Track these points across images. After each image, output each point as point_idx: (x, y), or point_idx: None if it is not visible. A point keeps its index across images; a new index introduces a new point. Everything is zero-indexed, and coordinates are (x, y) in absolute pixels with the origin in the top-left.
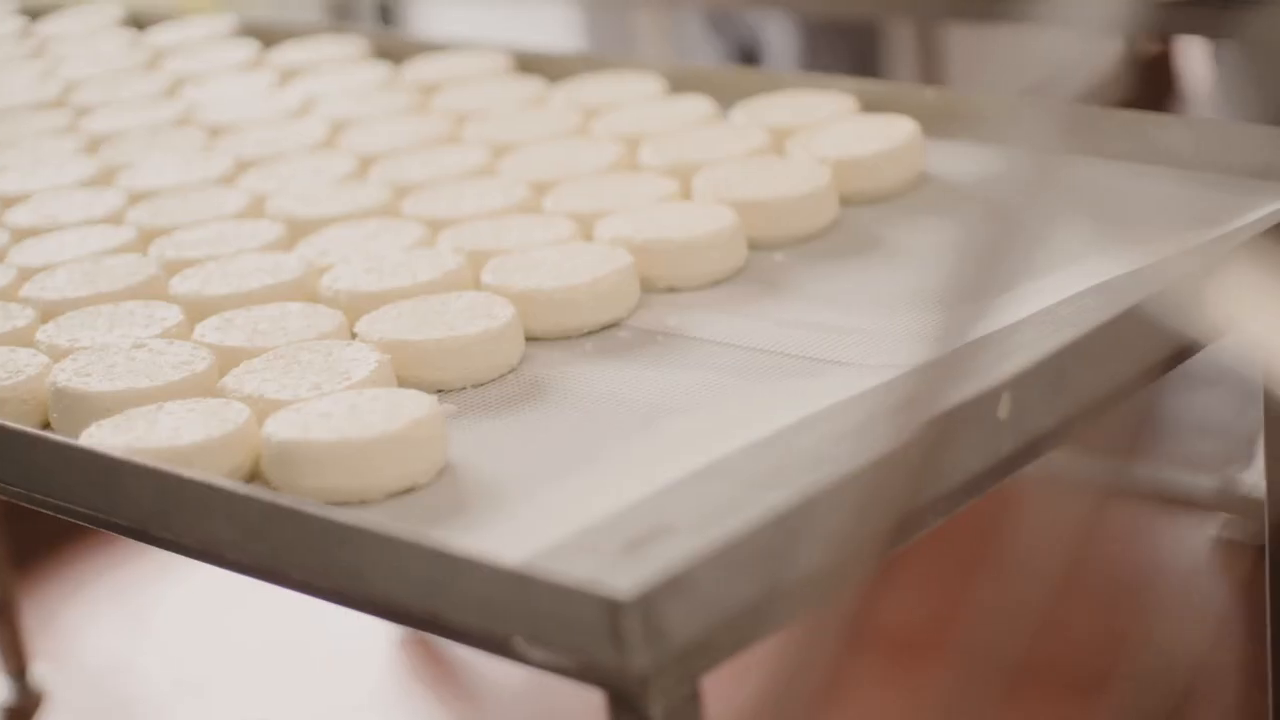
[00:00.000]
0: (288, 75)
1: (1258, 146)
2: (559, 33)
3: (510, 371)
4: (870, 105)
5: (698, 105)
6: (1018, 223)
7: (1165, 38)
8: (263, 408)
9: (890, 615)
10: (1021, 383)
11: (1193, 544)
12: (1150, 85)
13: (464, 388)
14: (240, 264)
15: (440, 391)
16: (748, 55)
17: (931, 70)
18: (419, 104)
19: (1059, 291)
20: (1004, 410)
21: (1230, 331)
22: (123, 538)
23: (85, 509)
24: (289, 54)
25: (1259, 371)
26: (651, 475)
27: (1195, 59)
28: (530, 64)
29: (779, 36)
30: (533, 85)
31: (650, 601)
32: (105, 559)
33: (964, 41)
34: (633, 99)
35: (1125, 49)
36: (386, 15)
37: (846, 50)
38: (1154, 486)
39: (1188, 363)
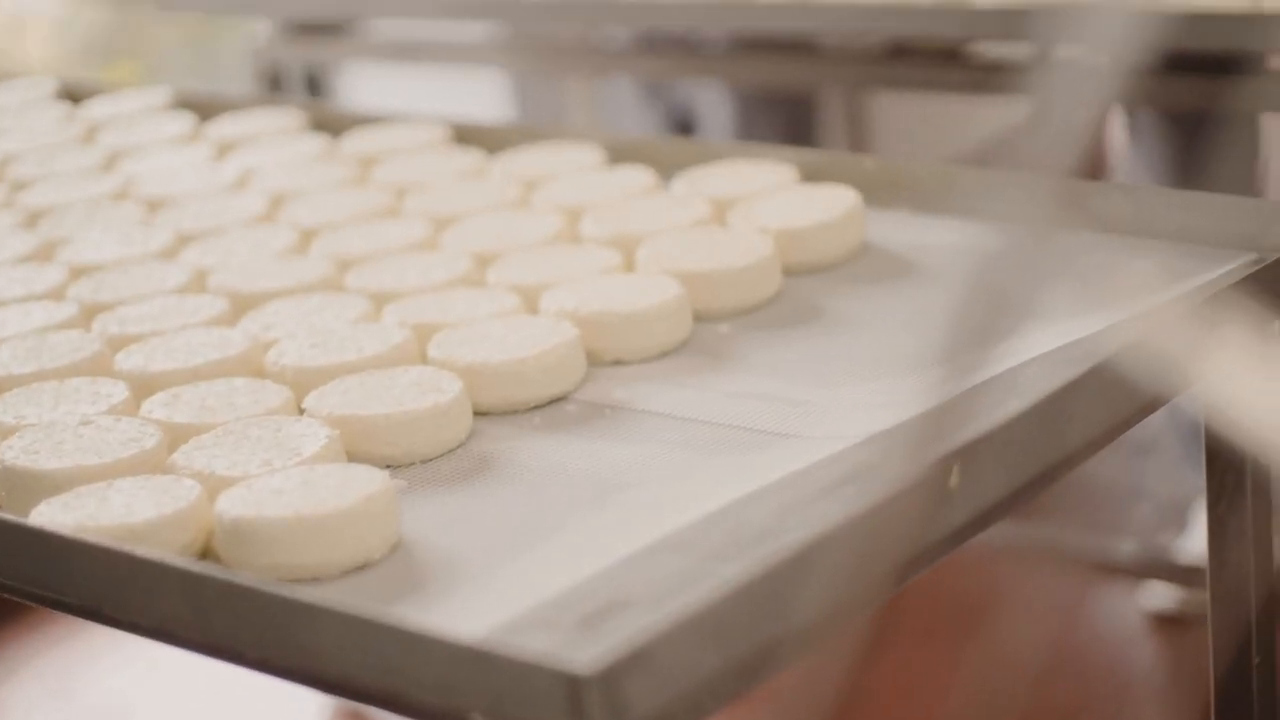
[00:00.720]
0: (225, 148)
1: (1193, 212)
2: (488, 100)
3: (459, 446)
4: (810, 175)
5: (638, 176)
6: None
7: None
8: (214, 484)
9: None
10: (972, 452)
11: (1123, 613)
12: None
13: (413, 463)
14: (185, 339)
15: (390, 467)
16: (681, 122)
17: (863, 138)
18: (358, 176)
19: (1011, 358)
20: (954, 480)
21: (1186, 392)
22: (55, 619)
23: (35, 589)
24: (225, 127)
25: (1213, 432)
26: (605, 549)
27: (1114, 125)
28: (467, 135)
29: (712, 104)
30: (471, 157)
31: (611, 676)
32: (37, 641)
33: (894, 109)
34: (572, 169)
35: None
36: (315, 86)
37: (780, 117)
38: (1083, 553)
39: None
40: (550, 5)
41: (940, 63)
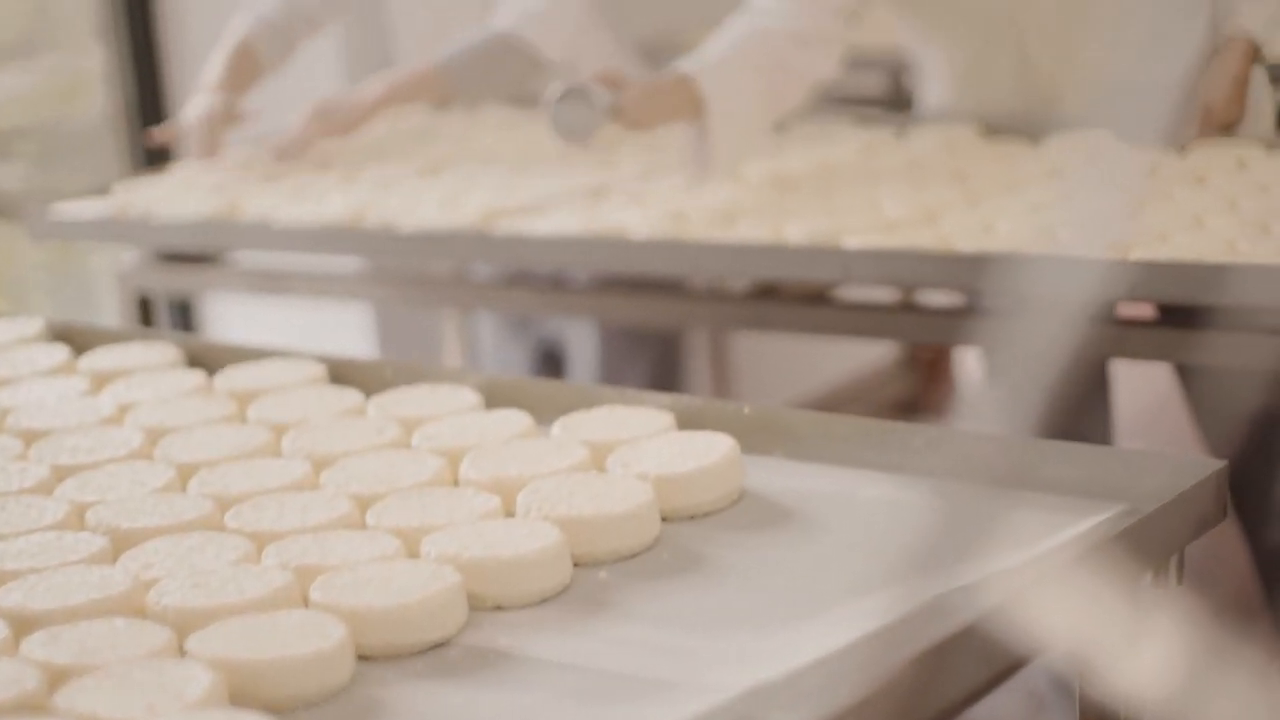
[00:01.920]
0: (100, 381)
1: (1064, 463)
2: (357, 329)
3: (342, 690)
4: (687, 421)
5: (515, 419)
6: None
7: (940, 345)
8: None
9: None
10: (850, 707)
11: None
12: (928, 388)
13: (296, 708)
14: (64, 577)
15: (273, 711)
16: (550, 356)
17: (727, 377)
18: (235, 413)
19: (884, 613)
20: None
21: (1056, 648)
22: None
23: None
24: (100, 359)
25: (1085, 689)
26: None
27: (969, 364)
28: (344, 372)
29: (581, 338)
30: (349, 396)
31: None
32: None
33: (757, 349)
34: (450, 411)
35: (903, 354)
36: (183, 311)
37: (647, 354)
38: None
39: None
40: (418, 240)
41: (808, 303)
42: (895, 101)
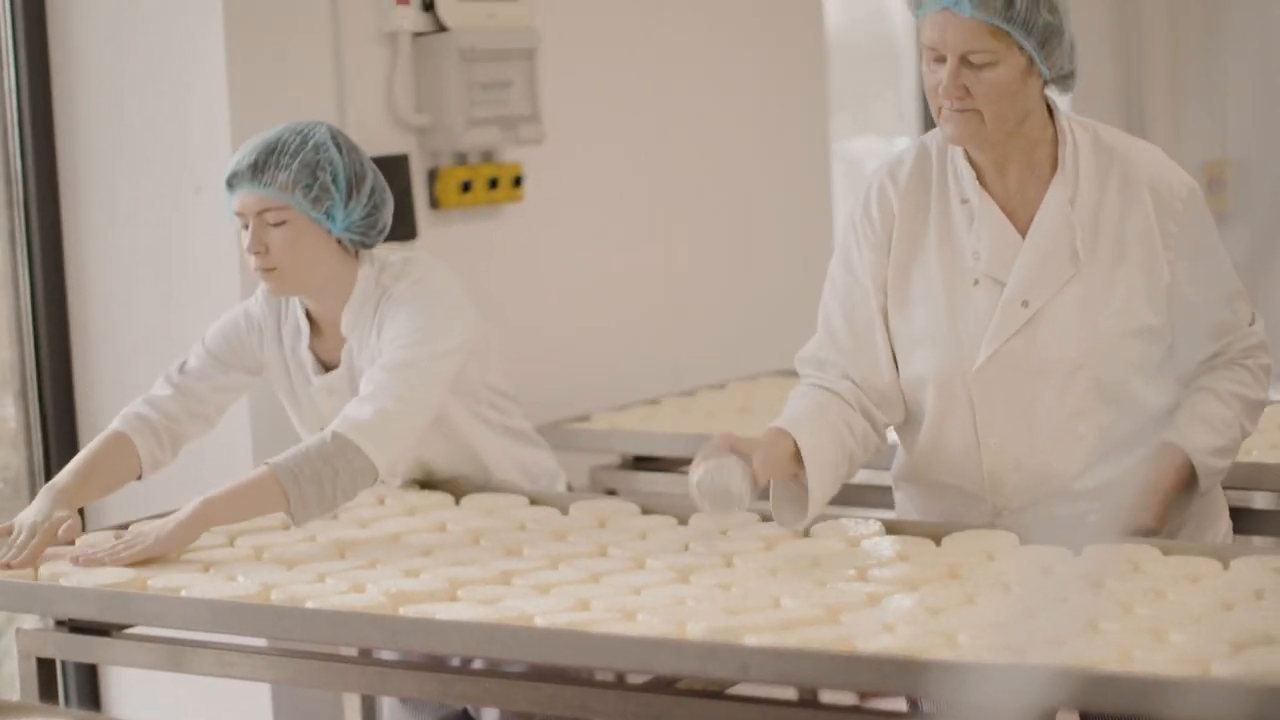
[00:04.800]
0: None
1: None
2: (255, 703)
3: None
4: None
5: None
6: None
7: None
8: None
9: None
10: None
11: None
12: None
13: None
14: None
15: None
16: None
17: None
18: None
19: None
20: None
21: None
22: None
23: None
24: None
25: None
26: None
27: None
28: None
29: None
30: None
31: None
32: None
33: None
34: None
35: None
36: (84, 675)
37: None
38: None
39: None
40: (318, 620)
41: (707, 698)
42: None
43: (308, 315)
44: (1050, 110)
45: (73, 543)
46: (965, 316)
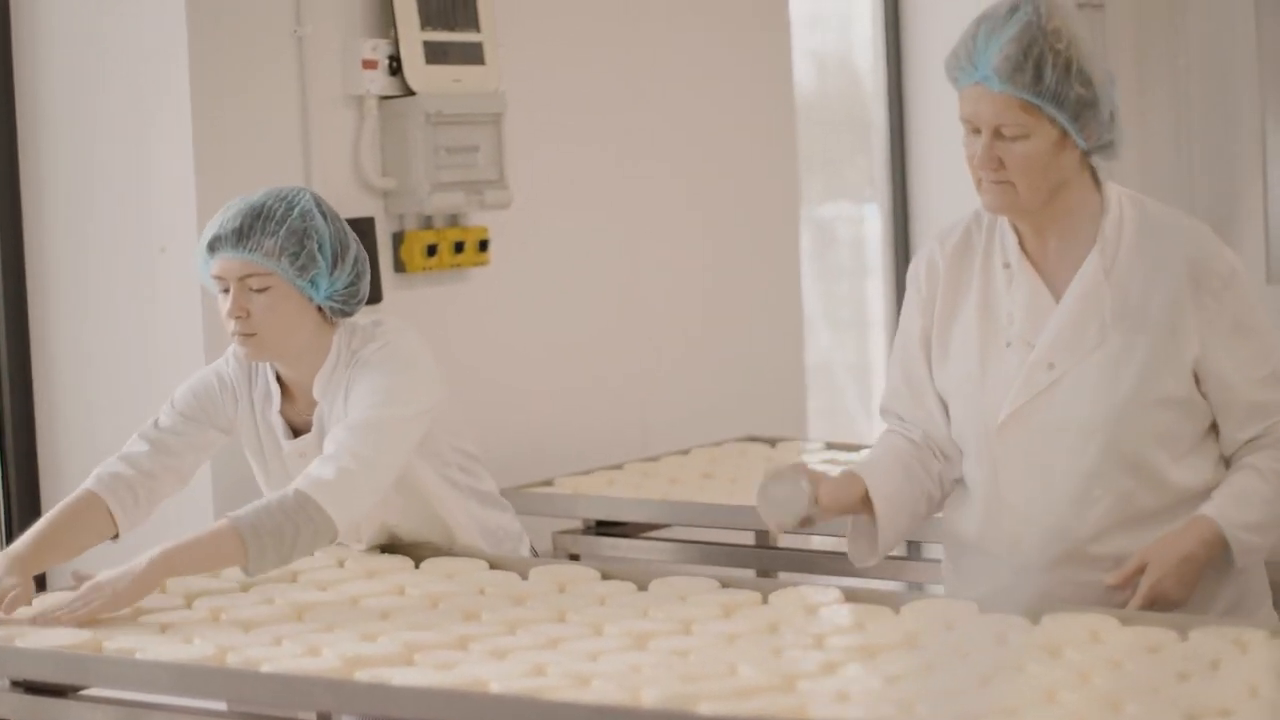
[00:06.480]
0: None
1: None
2: None
3: None
4: None
5: None
6: None
7: None
8: None
9: None
10: None
11: None
12: None
13: None
14: None
15: None
16: None
17: None
18: None
19: None
20: None
21: None
22: None
23: None
24: None
25: None
26: None
27: None
28: None
29: None
30: None
31: None
32: None
33: None
34: None
35: None
36: None
37: None
38: None
39: None
40: (273, 684)
41: None
42: (760, 558)
43: (279, 379)
44: (1096, 180)
45: (30, 605)
46: (994, 376)
